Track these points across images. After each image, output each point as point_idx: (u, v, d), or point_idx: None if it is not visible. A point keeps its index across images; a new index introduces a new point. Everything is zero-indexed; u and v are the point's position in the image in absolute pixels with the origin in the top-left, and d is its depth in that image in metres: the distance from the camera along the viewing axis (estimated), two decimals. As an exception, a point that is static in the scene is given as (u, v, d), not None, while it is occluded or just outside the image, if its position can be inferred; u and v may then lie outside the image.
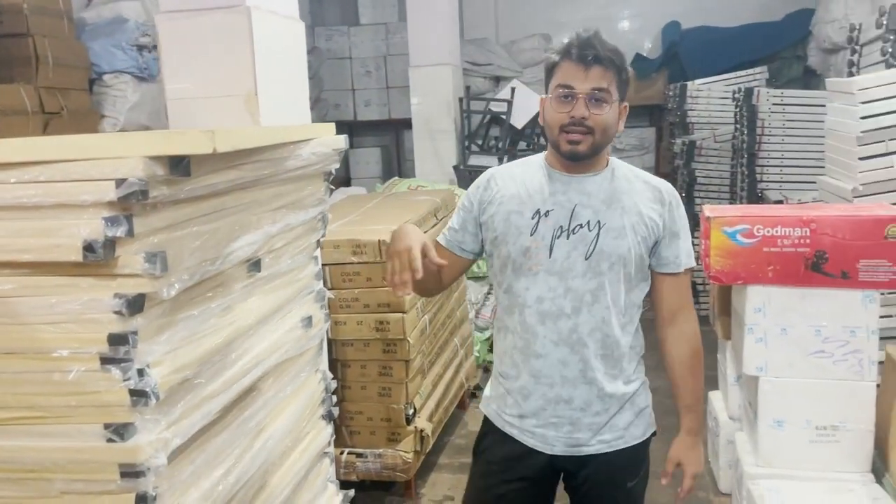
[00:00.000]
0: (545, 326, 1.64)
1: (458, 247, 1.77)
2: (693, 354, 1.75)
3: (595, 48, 1.57)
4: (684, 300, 1.76)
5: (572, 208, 1.64)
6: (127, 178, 1.23)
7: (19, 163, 1.27)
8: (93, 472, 1.38)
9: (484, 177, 1.78)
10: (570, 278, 1.63)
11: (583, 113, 1.57)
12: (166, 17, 2.29)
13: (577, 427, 1.68)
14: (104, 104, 4.40)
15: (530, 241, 1.64)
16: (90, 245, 1.25)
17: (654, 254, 1.69)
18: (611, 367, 1.67)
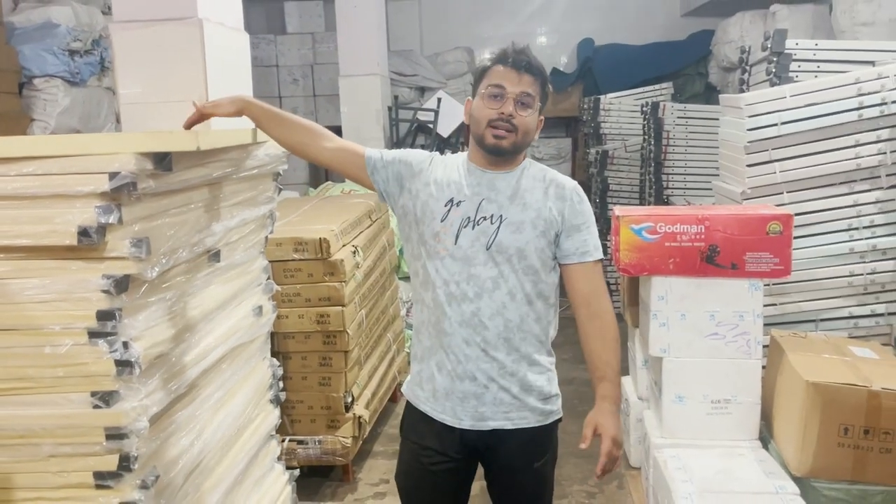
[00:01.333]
0: (451, 308, 1.76)
1: (372, 165, 1.86)
2: (604, 327, 1.83)
3: (529, 58, 1.76)
4: (596, 286, 1.85)
5: (479, 202, 1.77)
6: (119, 172, 1.40)
7: (19, 157, 1.42)
8: (80, 436, 1.53)
9: (427, 153, 1.91)
10: (473, 265, 1.75)
11: (511, 111, 1.72)
12: (120, 27, 2.42)
13: (482, 401, 1.78)
14: (34, 108, 4.40)
15: (440, 227, 1.77)
16: (85, 230, 1.42)
17: (558, 246, 1.80)
18: (513, 349, 1.77)
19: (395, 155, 1.89)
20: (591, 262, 1.83)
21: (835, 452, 2.30)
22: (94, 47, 4.65)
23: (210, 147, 1.57)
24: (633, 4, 7.70)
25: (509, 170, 1.81)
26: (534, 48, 7.78)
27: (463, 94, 7.22)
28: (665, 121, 5.19)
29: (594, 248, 1.84)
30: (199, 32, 2.43)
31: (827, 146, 2.85)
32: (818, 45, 3.12)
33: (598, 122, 5.98)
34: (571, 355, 4.28)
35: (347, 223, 3.33)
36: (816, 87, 2.87)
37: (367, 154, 1.88)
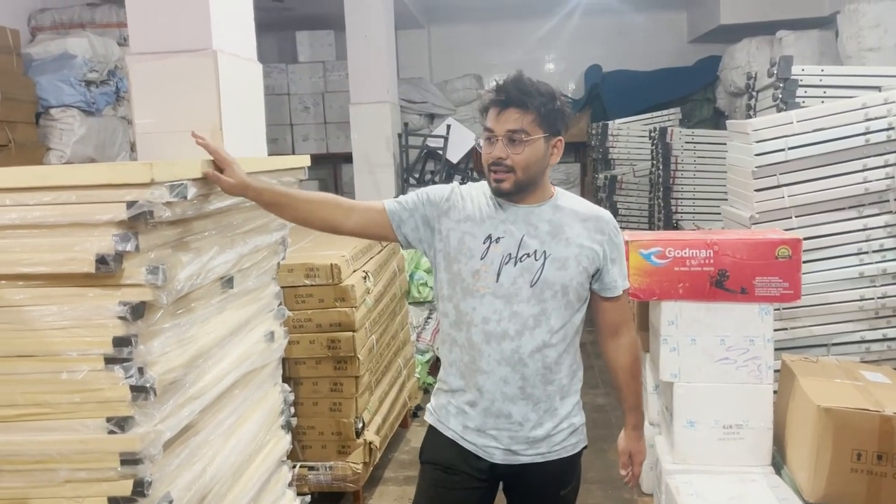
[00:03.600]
0: (490, 346, 1.72)
1: (397, 220, 1.81)
2: (633, 361, 1.89)
3: (507, 92, 1.67)
4: (624, 317, 1.89)
5: (521, 238, 1.73)
6: (137, 201, 1.44)
7: (39, 187, 1.46)
8: (95, 461, 1.55)
9: (448, 187, 1.84)
10: (516, 303, 1.71)
11: (500, 154, 1.68)
12: (137, 59, 2.48)
13: (515, 440, 1.76)
14: (51, 137, 4.48)
15: (480, 265, 1.73)
16: (103, 258, 1.45)
17: (597, 280, 1.79)
18: (549, 385, 1.76)
19: (416, 199, 1.83)
20: (622, 293, 1.85)
21: (848, 478, 2.28)
22: (109, 78, 4.74)
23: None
24: (641, 31, 7.79)
25: (540, 202, 1.77)
26: (541, 75, 7.90)
27: (472, 120, 7.29)
28: (673, 146, 5.22)
29: (624, 279, 1.85)
30: (214, 64, 2.49)
31: (835, 171, 2.86)
32: (824, 71, 3.15)
33: (606, 147, 6.02)
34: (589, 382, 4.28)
35: (358, 249, 3.36)
36: (823, 113, 2.89)
37: (387, 208, 1.82)
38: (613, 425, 4.18)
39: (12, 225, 1.50)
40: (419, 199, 1.83)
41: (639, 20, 7.70)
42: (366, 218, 1.82)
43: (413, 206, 1.82)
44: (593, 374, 5.11)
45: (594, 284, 1.80)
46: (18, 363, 1.53)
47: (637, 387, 1.92)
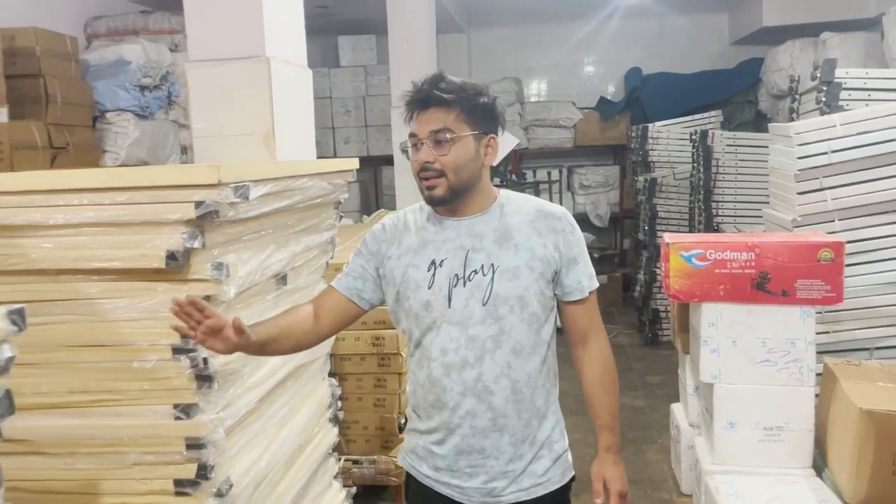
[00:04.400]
0: (450, 378, 1.57)
1: (357, 294, 1.67)
2: (604, 371, 1.69)
3: (423, 91, 1.53)
4: (593, 321, 1.69)
5: (465, 254, 1.58)
6: (204, 201, 1.53)
7: (113, 188, 1.57)
8: (162, 445, 1.65)
9: (379, 227, 1.71)
10: (470, 326, 1.55)
11: (426, 157, 1.53)
12: (195, 66, 2.60)
13: (492, 476, 1.60)
14: (106, 140, 4.67)
15: (429, 295, 1.57)
16: (172, 254, 1.55)
17: (558, 284, 1.63)
18: (522, 411, 1.60)
19: (359, 259, 1.69)
20: (588, 295, 1.67)
21: (890, 481, 2.28)
22: (162, 83, 4.91)
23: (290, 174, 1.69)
24: (682, 34, 7.75)
25: (483, 210, 1.61)
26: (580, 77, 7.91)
27: (510, 123, 7.34)
28: (714, 148, 5.20)
29: (589, 279, 1.67)
30: (267, 70, 2.59)
31: (879, 174, 2.85)
32: (869, 74, 3.14)
33: (646, 149, 6.02)
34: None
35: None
36: (867, 116, 2.88)
37: (339, 288, 1.68)
38: (651, 426, 4.20)
39: (88, 223, 1.61)
40: (362, 257, 1.69)
41: (679, 22, 7.66)
42: (332, 315, 1.66)
43: (361, 269, 1.67)
44: (632, 377, 5.13)
45: (556, 289, 1.63)
46: (93, 352, 1.64)
47: (609, 401, 1.69)
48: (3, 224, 1.62)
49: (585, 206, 7.77)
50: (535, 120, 7.68)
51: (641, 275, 6.07)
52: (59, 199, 1.58)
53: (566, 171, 7.81)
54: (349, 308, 1.68)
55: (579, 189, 7.77)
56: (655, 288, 5.81)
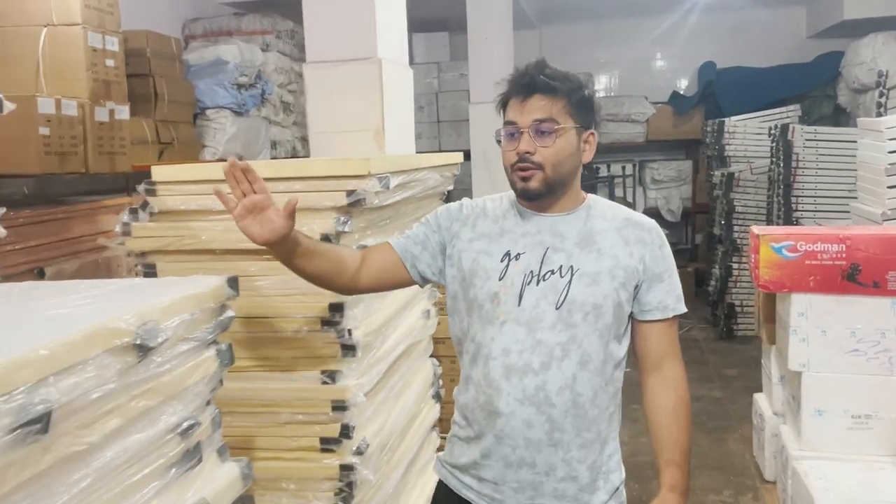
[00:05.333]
0: (510, 382, 1.43)
1: (410, 259, 1.58)
2: (679, 402, 1.53)
3: (531, 77, 1.45)
4: (671, 348, 1.55)
5: (544, 252, 1.47)
6: (355, 190, 1.72)
7: (274, 178, 1.77)
8: (310, 407, 1.86)
9: (456, 205, 1.62)
10: (539, 330, 1.43)
11: (527, 147, 1.43)
12: (312, 67, 2.81)
13: (539, 492, 1.47)
14: (206, 135, 4.96)
15: (499, 287, 1.46)
16: (326, 237, 1.74)
17: (636, 300, 1.51)
18: (581, 430, 1.46)
19: (426, 228, 1.60)
20: (671, 318, 1.53)
21: (982, 467, 2.34)
22: (256, 81, 5.18)
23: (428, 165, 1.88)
24: (758, 27, 7.69)
25: (571, 210, 1.51)
26: (653, 72, 7.92)
27: (584, 118, 7.41)
28: (794, 143, 5.20)
29: (676, 300, 1.53)
30: (378, 70, 2.78)
31: (972, 168, 2.88)
32: (962, 69, 3.15)
33: (722, 144, 6.03)
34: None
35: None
36: (961, 110, 2.91)
37: (396, 247, 1.58)
38: (731, 417, 4.27)
39: (252, 209, 1.81)
40: (429, 227, 1.59)
41: (756, 16, 7.60)
42: (376, 270, 1.57)
43: (424, 237, 1.58)
44: (707, 369, 5.19)
45: (634, 305, 1.51)
46: (251, 324, 1.85)
47: (681, 436, 1.51)
48: (179, 209, 1.86)
49: (657, 200, 7.80)
50: (607, 115, 7.74)
51: (716, 269, 6.10)
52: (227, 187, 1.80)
53: (638, 165, 7.85)
54: (397, 271, 1.58)
55: (651, 184, 7.80)
56: (731, 283, 5.83)
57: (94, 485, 0.95)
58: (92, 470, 0.94)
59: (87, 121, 3.47)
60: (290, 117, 5.69)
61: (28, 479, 0.85)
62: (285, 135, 5.61)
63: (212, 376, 1.20)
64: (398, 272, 1.58)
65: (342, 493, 1.87)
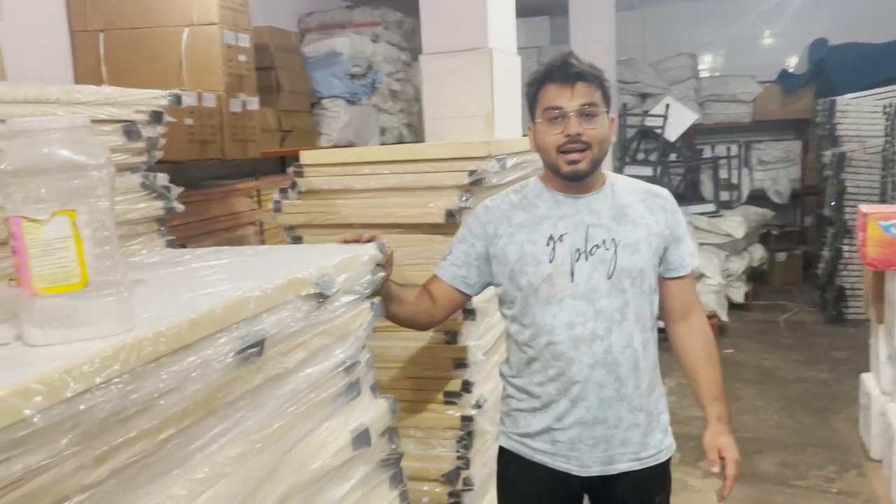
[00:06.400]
0: (579, 351, 1.59)
1: (462, 282, 1.73)
2: (708, 344, 1.74)
3: (575, 66, 1.58)
4: (693, 299, 1.76)
5: (586, 229, 1.62)
6: (476, 170, 1.93)
7: (405, 160, 2.01)
8: (434, 364, 2.09)
9: (480, 210, 1.75)
10: (597, 299, 1.59)
11: (577, 129, 1.56)
12: (428, 58, 3.04)
13: (611, 444, 1.64)
14: (321, 124, 5.30)
15: (550, 269, 1.60)
16: (450, 212, 1.96)
17: (664, 260, 1.69)
18: (639, 381, 1.64)
19: (463, 246, 1.73)
20: (690, 273, 1.73)
21: None
22: (367, 71, 5.48)
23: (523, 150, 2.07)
24: (872, 2, 7.37)
25: (600, 188, 1.67)
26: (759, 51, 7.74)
27: (686, 99, 7.35)
28: (911, 121, 5.04)
29: (692, 257, 1.73)
30: (490, 59, 2.98)
31: None
32: None
33: (833, 123, 5.88)
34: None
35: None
36: None
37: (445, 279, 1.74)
38: (838, 398, 4.24)
39: (388, 187, 2.07)
40: (465, 243, 1.73)
41: (871, -11, 7.30)
42: (443, 301, 1.75)
43: (464, 255, 1.73)
44: (814, 352, 5.13)
45: (661, 266, 1.69)
46: (383, 291, 2.10)
47: (715, 373, 1.72)
48: (324, 189, 2.13)
49: (764, 182, 7.64)
50: (712, 95, 7.64)
51: (826, 252, 5.97)
52: (365, 169, 2.05)
53: (744, 146, 7.71)
54: (456, 295, 1.75)
55: (758, 165, 7.65)
56: (841, 265, 5.70)
57: (288, 402, 1.20)
58: (286, 390, 1.20)
59: (223, 112, 3.83)
60: (398, 105, 5.97)
61: (248, 391, 1.10)
62: (392, 121, 5.90)
63: (367, 325, 1.44)
64: (457, 296, 1.75)
65: (462, 442, 2.10)
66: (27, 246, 0.82)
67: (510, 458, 1.73)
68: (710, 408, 1.70)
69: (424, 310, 1.75)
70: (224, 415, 1.06)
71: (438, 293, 1.75)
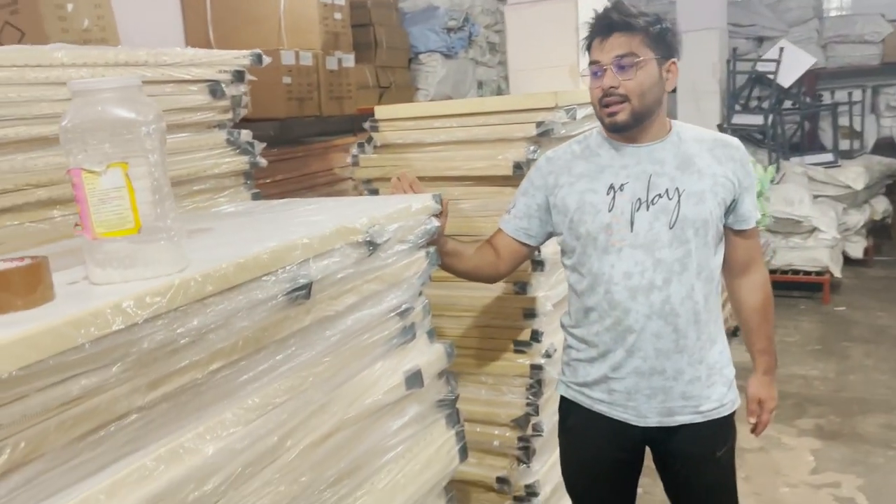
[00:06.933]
0: (636, 301, 1.59)
1: (524, 234, 1.76)
2: (766, 300, 1.75)
3: (609, 17, 1.56)
4: (756, 253, 1.74)
5: (648, 179, 1.60)
6: (544, 121, 1.93)
7: (474, 113, 2.04)
8: (504, 314, 2.14)
9: (542, 161, 1.76)
10: (657, 249, 1.58)
11: (611, 83, 1.55)
12: (513, 8, 3.02)
13: (669, 396, 1.63)
14: (418, 79, 5.34)
15: (609, 218, 1.60)
16: (518, 164, 1.98)
17: (732, 212, 1.65)
18: (700, 333, 1.62)
19: (525, 198, 1.76)
20: (755, 226, 1.70)
21: None
22: (464, 24, 5.46)
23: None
24: None
25: (661, 138, 1.64)
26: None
27: (807, 41, 6.87)
28: None
29: (755, 209, 1.70)
30: (575, 8, 2.93)
31: None
32: None
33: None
34: None
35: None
36: None
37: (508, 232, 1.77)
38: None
39: (455, 140, 2.11)
40: (527, 195, 1.75)
41: None
42: (506, 254, 1.78)
43: (526, 207, 1.75)
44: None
45: (727, 217, 1.66)
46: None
47: (768, 329, 1.76)
48: (397, 143, 2.19)
49: (893, 129, 7.08)
50: (836, 36, 7.09)
51: (958, 203, 5.51)
52: (436, 122, 2.10)
53: (870, 91, 7.14)
54: (519, 247, 1.77)
55: (886, 111, 7.08)
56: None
57: (340, 342, 1.29)
58: (338, 331, 1.28)
59: (320, 70, 3.96)
60: (496, 57, 5.93)
61: (298, 329, 1.19)
62: (490, 74, 5.87)
63: (422, 273, 1.50)
64: (521, 249, 1.77)
65: (532, 389, 2.14)
66: (87, 195, 0.92)
67: (570, 407, 1.77)
68: (759, 360, 1.77)
69: (488, 262, 1.78)
70: (274, 351, 1.16)
71: (501, 246, 1.78)
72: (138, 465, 0.91)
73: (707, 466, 1.70)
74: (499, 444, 2.19)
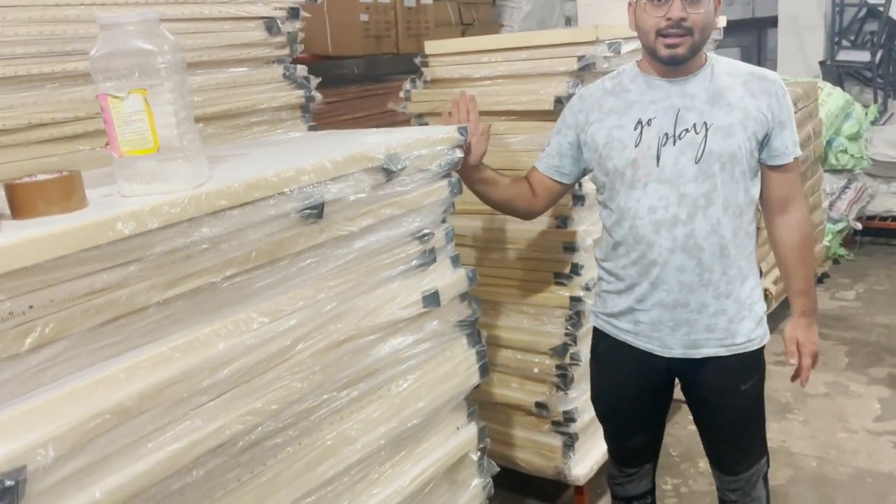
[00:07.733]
0: (660, 235, 1.61)
1: (556, 171, 1.80)
2: (805, 238, 1.71)
3: None
4: (795, 190, 1.70)
5: (676, 113, 1.60)
6: (585, 55, 1.94)
7: (517, 47, 2.07)
8: (546, 247, 2.21)
9: (575, 99, 1.78)
10: (682, 184, 1.58)
11: (680, 14, 1.51)
12: (582, -59, 2.96)
13: (694, 328, 1.65)
14: (503, 15, 5.31)
15: (636, 153, 1.61)
16: (559, 99, 2.01)
17: (765, 146, 1.63)
18: (726, 268, 1.62)
19: (558, 137, 1.79)
20: (792, 161, 1.66)
21: None
22: (550, -43, 5.35)
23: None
24: None
25: (696, 71, 1.62)
26: None
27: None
28: None
29: (794, 144, 1.66)
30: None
31: None
32: None
33: None
34: None
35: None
36: None
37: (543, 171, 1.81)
38: None
39: (500, 75, 2.16)
40: (559, 134, 1.78)
41: None
42: (541, 191, 1.81)
43: (558, 146, 1.78)
44: None
45: (762, 152, 1.63)
46: (500, 174, 2.21)
47: (807, 270, 1.72)
48: (446, 77, 2.26)
49: None
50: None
51: None
52: (482, 57, 2.15)
53: None
54: (552, 185, 1.81)
55: None
56: None
57: (356, 260, 1.40)
58: (354, 249, 1.39)
59: (397, 7, 4.03)
60: (584, -8, 5.78)
61: (313, 245, 1.31)
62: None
63: (444, 200, 1.58)
64: (555, 186, 1.81)
65: (571, 320, 2.21)
66: (113, 117, 1.06)
67: (600, 336, 1.84)
68: (796, 302, 1.75)
69: (524, 196, 1.83)
70: (290, 264, 1.28)
71: (536, 183, 1.83)
72: (156, 352, 1.07)
73: (733, 398, 1.73)
74: (538, 371, 2.28)
